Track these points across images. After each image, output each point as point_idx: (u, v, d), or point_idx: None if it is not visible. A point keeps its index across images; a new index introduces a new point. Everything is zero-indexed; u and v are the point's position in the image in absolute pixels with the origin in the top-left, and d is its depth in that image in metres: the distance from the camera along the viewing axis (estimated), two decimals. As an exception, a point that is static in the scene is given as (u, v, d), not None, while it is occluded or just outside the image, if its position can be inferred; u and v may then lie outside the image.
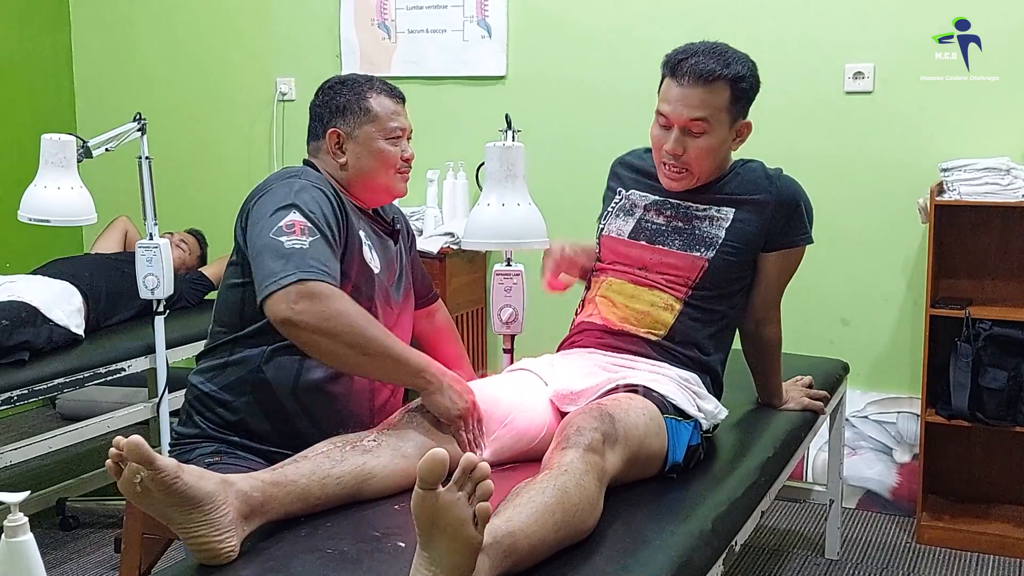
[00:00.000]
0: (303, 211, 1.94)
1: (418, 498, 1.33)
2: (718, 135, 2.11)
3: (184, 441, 2.08)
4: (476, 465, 1.32)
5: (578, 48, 3.68)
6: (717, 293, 2.18)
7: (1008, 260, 3.20)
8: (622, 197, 2.29)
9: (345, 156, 2.14)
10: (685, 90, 2.07)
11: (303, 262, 1.86)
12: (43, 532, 3.17)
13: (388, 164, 2.15)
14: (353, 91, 2.15)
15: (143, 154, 3.07)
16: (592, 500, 1.61)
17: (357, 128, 2.13)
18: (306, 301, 1.84)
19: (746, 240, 2.18)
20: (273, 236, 1.90)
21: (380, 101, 2.15)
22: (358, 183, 2.15)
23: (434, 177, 3.79)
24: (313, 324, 1.84)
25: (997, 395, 3.00)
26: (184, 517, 1.50)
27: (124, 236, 3.80)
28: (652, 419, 1.90)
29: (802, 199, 2.23)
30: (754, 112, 3.59)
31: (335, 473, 1.69)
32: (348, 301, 1.89)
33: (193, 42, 4.40)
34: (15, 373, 2.86)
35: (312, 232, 1.91)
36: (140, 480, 1.46)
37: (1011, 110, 3.16)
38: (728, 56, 2.10)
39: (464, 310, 3.71)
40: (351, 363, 1.93)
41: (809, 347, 3.21)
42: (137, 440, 1.45)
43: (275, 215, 1.93)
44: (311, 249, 1.89)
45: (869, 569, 2.98)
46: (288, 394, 2.02)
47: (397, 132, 2.16)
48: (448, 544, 1.34)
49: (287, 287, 1.84)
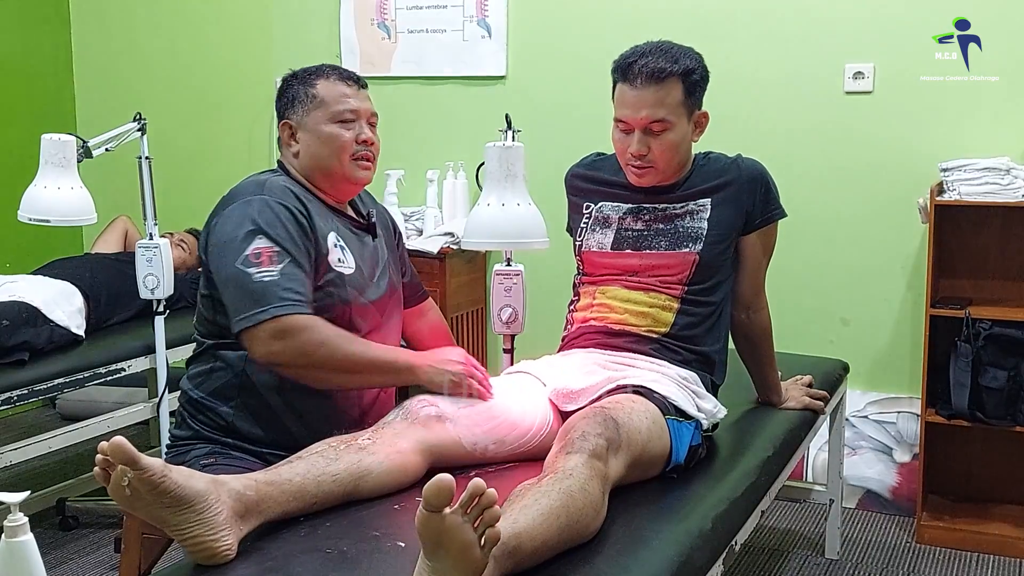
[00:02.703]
0: (269, 235, 1.93)
1: (423, 518, 1.33)
2: (679, 130, 2.15)
3: (180, 444, 2.09)
4: (484, 491, 1.32)
5: (578, 47, 3.68)
6: (710, 284, 2.21)
7: (1008, 260, 3.20)
8: (592, 211, 2.29)
9: (298, 145, 2.11)
10: (640, 91, 2.10)
11: (274, 297, 1.88)
12: (43, 532, 3.17)
13: (339, 148, 2.08)
14: (301, 81, 2.13)
15: (143, 154, 3.07)
16: (596, 506, 1.62)
17: (305, 116, 2.10)
18: (280, 341, 1.88)
19: (728, 226, 2.22)
20: (240, 266, 1.91)
21: (327, 86, 2.10)
22: (316, 174, 2.11)
23: (434, 177, 3.79)
24: (292, 360, 1.90)
25: (997, 395, 3.00)
26: (177, 518, 1.49)
27: (124, 236, 3.80)
28: (655, 422, 1.90)
29: (767, 175, 2.28)
30: (755, 112, 3.60)
31: (331, 471, 1.69)
32: (322, 328, 1.90)
33: (193, 42, 4.40)
34: (15, 373, 2.86)
35: (281, 257, 1.91)
36: (128, 482, 1.45)
37: (1011, 110, 3.16)
38: (675, 52, 2.13)
39: (464, 310, 3.71)
40: (339, 382, 1.98)
41: (809, 347, 3.21)
42: (119, 441, 1.44)
43: (242, 241, 1.93)
44: (281, 279, 1.89)
45: (869, 569, 2.98)
46: (274, 394, 2.03)
47: (346, 115, 2.09)
48: (452, 563, 1.34)
49: (261, 324, 1.87)
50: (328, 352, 1.90)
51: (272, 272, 1.90)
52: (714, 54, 2.28)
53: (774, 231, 2.31)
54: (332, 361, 1.91)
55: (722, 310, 2.25)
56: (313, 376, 1.95)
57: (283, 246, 1.93)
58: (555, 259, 2.68)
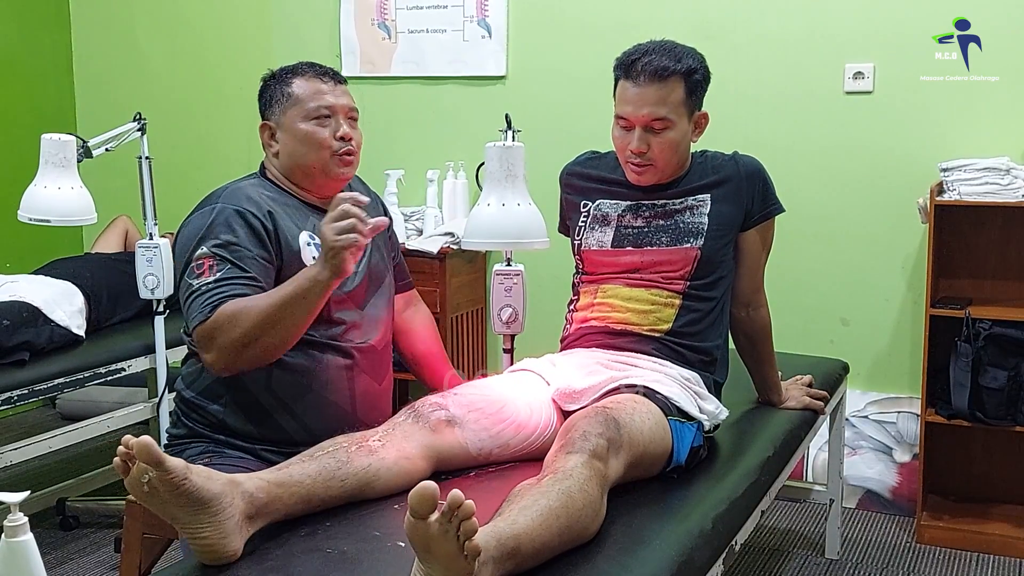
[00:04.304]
0: (213, 243, 1.94)
1: (410, 526, 1.34)
2: (680, 129, 2.15)
3: (176, 442, 2.10)
4: (461, 503, 1.32)
5: (578, 47, 3.68)
6: (712, 280, 2.21)
7: (1008, 260, 3.20)
8: (590, 209, 2.29)
9: (277, 146, 2.11)
10: (642, 89, 2.11)
11: (196, 307, 1.90)
12: (43, 532, 3.17)
13: (316, 145, 2.06)
14: (278, 80, 2.13)
15: (143, 154, 3.07)
16: (595, 506, 1.62)
17: (282, 115, 2.09)
18: (210, 349, 1.90)
19: (728, 221, 2.22)
20: (186, 278, 1.95)
21: (302, 83, 2.09)
22: (296, 172, 2.10)
23: (434, 177, 3.79)
24: (231, 356, 1.90)
25: (997, 395, 3.00)
26: (190, 518, 1.50)
27: (124, 236, 3.80)
28: (657, 423, 1.90)
29: (764, 171, 2.29)
30: (755, 112, 3.60)
31: (340, 475, 1.69)
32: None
33: (193, 42, 4.40)
34: (15, 373, 2.86)
35: (220, 264, 1.92)
36: (148, 480, 1.46)
37: (1011, 110, 3.16)
38: (678, 51, 2.14)
39: (464, 310, 3.71)
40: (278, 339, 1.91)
41: (809, 347, 3.21)
42: (147, 441, 1.45)
43: (190, 251, 1.96)
44: (214, 285, 1.90)
45: (869, 569, 2.98)
46: (263, 391, 2.03)
47: (322, 111, 2.07)
48: (442, 569, 1.35)
49: (195, 336, 1.92)
50: (247, 327, 1.86)
51: (207, 281, 1.91)
52: (714, 54, 2.28)
53: (772, 227, 2.32)
54: (254, 330, 1.86)
55: (723, 306, 2.26)
56: (256, 354, 1.91)
57: (225, 253, 1.93)
58: (555, 259, 2.68)
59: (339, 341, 2.07)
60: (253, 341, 1.88)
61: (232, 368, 1.94)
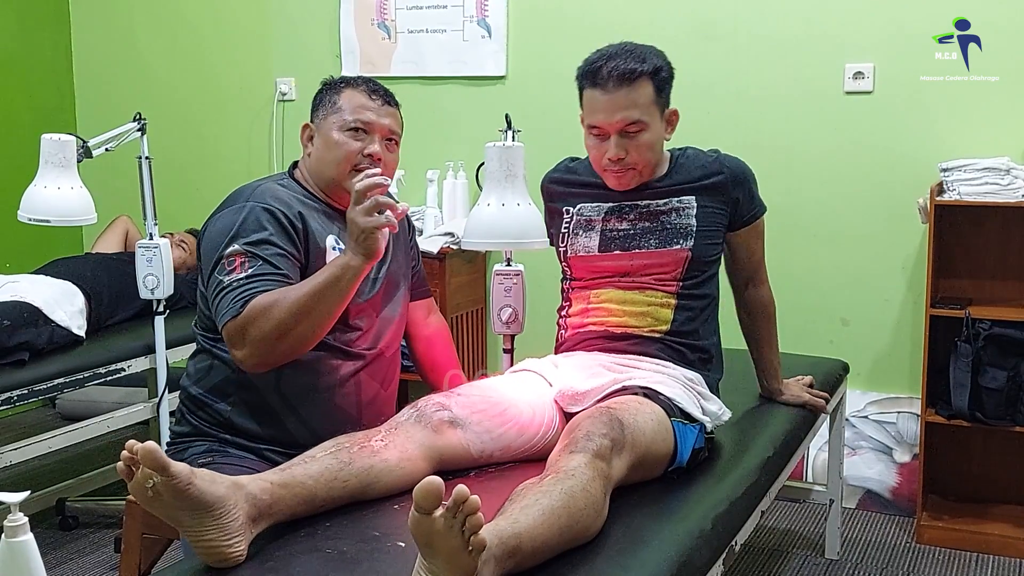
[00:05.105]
0: (245, 240, 1.93)
1: (414, 520, 1.34)
2: (654, 130, 2.14)
3: (179, 440, 2.10)
4: (467, 498, 1.32)
5: (578, 47, 3.66)
6: (703, 278, 2.22)
7: (1008, 260, 3.20)
8: (573, 215, 2.29)
9: (311, 148, 2.13)
10: (611, 95, 2.10)
11: (227, 303, 1.89)
12: (43, 532, 3.17)
13: (341, 156, 2.06)
14: (332, 87, 2.14)
15: (143, 154, 3.07)
16: (597, 506, 1.61)
17: (323, 120, 2.11)
18: (242, 344, 1.89)
19: (716, 222, 2.23)
20: (216, 274, 1.93)
21: (350, 95, 2.10)
22: (320, 177, 2.11)
23: (434, 177, 3.79)
24: (265, 349, 1.88)
25: (997, 395, 3.00)
26: (195, 521, 1.50)
27: (125, 236, 3.80)
28: (660, 424, 1.90)
29: (751, 173, 2.29)
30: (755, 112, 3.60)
31: (342, 476, 1.69)
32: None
33: (193, 42, 4.40)
34: (15, 373, 2.86)
35: (253, 260, 1.91)
36: (152, 485, 1.46)
37: (1011, 110, 3.16)
38: (640, 52, 2.13)
39: (464, 310, 3.71)
40: (311, 329, 1.90)
41: (809, 347, 3.21)
42: (151, 446, 1.45)
43: (221, 247, 1.95)
44: (245, 278, 1.89)
45: (869, 569, 2.98)
46: (272, 392, 2.03)
47: (357, 124, 2.07)
48: (445, 565, 1.35)
49: (225, 332, 1.90)
50: (279, 318, 1.86)
51: (239, 277, 1.90)
52: (714, 54, 2.28)
53: (762, 224, 2.34)
54: (288, 321, 1.86)
55: (715, 301, 2.27)
56: (289, 347, 1.90)
57: (257, 250, 1.93)
58: (555, 259, 2.67)
59: (351, 347, 2.08)
60: (287, 332, 1.87)
61: (265, 362, 1.92)
